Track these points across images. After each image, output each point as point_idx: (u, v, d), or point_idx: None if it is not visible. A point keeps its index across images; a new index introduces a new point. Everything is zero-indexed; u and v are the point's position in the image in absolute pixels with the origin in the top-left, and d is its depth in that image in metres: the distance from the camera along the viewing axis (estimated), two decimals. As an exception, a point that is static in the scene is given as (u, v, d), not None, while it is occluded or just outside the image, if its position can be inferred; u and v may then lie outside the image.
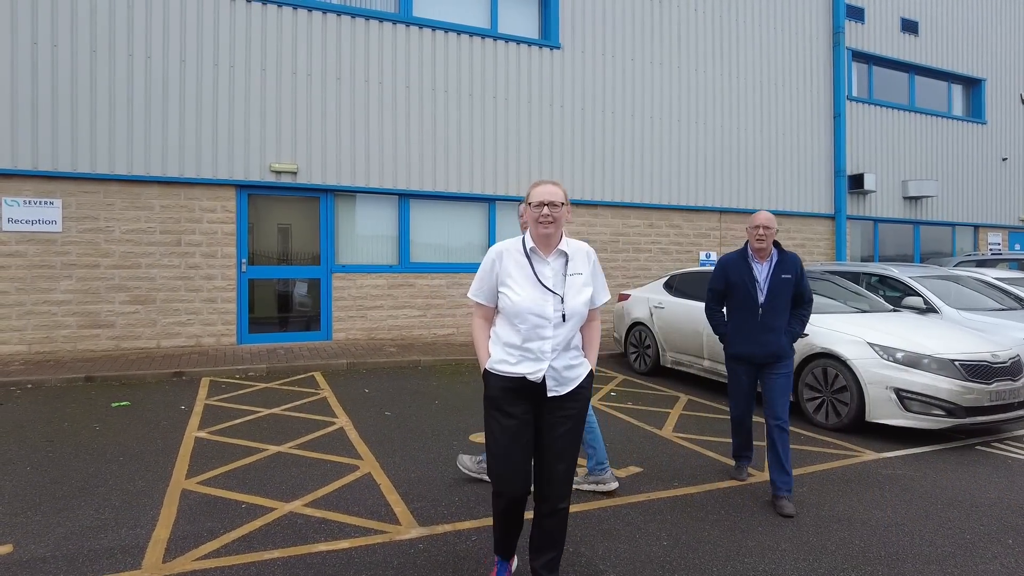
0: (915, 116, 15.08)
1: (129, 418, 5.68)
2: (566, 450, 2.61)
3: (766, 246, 4.03)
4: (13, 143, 7.97)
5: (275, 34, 9.19)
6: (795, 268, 4.05)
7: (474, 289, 2.73)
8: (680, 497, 4.03)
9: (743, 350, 4.11)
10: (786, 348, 4.05)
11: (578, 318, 2.59)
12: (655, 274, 11.47)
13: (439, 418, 5.86)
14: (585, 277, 2.64)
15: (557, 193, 2.59)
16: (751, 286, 4.05)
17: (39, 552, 3.16)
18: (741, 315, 4.12)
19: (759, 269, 4.07)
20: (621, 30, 11.55)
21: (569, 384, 2.60)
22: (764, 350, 4.02)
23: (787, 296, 4.04)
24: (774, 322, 4.02)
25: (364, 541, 3.33)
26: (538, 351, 2.54)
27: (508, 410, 2.57)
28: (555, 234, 2.60)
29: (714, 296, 4.34)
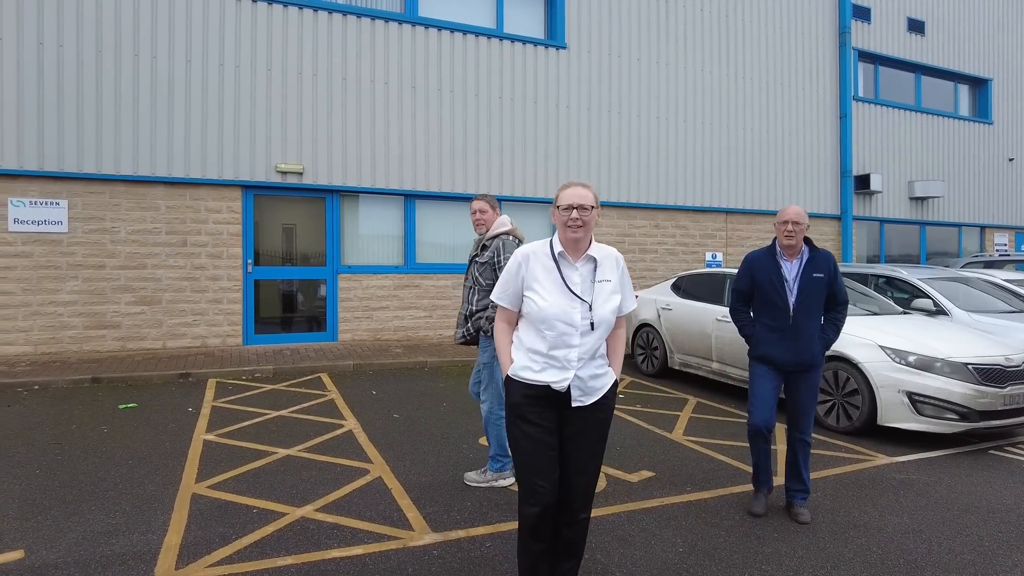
0: (921, 116, 15.02)
1: (136, 420, 5.66)
2: (589, 462, 2.55)
3: (796, 243, 3.71)
4: (19, 144, 7.95)
5: (281, 34, 9.17)
6: (828, 266, 3.73)
7: (498, 292, 2.65)
8: (694, 502, 4.00)
9: (773, 353, 3.76)
10: (819, 357, 3.75)
11: (606, 327, 2.52)
12: (661, 275, 11.43)
13: (448, 421, 5.83)
14: (614, 284, 2.55)
15: (587, 196, 2.49)
16: (780, 286, 3.72)
17: (51, 558, 3.14)
18: (770, 318, 3.78)
19: (788, 268, 3.75)
20: (627, 30, 11.51)
21: (594, 394, 2.53)
22: (796, 358, 3.71)
23: (820, 297, 3.72)
24: (807, 326, 3.70)
25: (378, 547, 3.30)
26: (564, 359, 2.46)
27: (531, 418, 2.50)
28: (584, 238, 2.51)
29: (739, 297, 3.99)
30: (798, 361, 3.72)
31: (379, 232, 9.99)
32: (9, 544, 3.28)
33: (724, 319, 6.92)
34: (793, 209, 3.73)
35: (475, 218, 4.23)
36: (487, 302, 4.05)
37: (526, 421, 2.51)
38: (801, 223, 3.69)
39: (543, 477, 2.48)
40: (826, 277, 3.72)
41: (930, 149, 15.15)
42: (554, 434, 2.52)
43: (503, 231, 4.16)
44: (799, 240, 3.73)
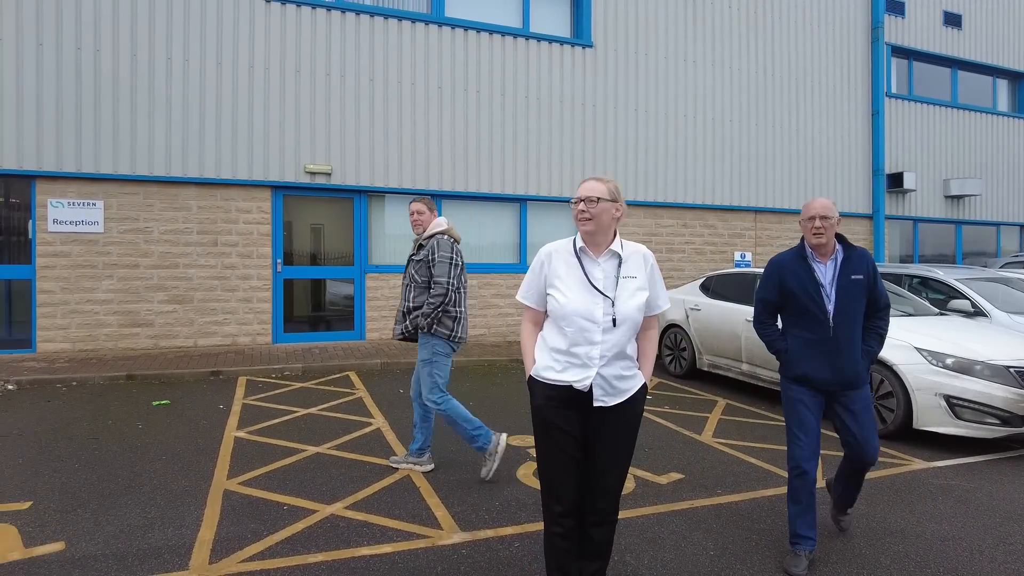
0: (958, 112, 14.64)
1: (170, 417, 5.77)
2: (613, 464, 2.50)
3: (827, 241, 3.18)
4: (58, 146, 8.16)
5: (309, 36, 9.27)
6: (866, 266, 3.22)
7: (523, 291, 2.64)
8: (725, 505, 3.94)
9: (811, 372, 3.20)
10: (864, 372, 3.23)
11: (630, 324, 2.45)
12: (689, 275, 11.31)
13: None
14: (640, 281, 2.49)
15: (596, 188, 2.47)
16: (815, 293, 3.18)
17: (90, 550, 3.21)
18: (806, 330, 3.22)
19: (822, 271, 3.21)
20: (654, 28, 11.41)
21: (619, 395, 2.47)
22: (838, 375, 3.17)
23: (861, 302, 3.21)
24: (849, 337, 3.17)
25: (407, 545, 3.31)
26: (585, 357, 2.41)
27: (554, 420, 2.47)
28: (598, 232, 2.47)
29: (766, 308, 3.41)
30: (841, 380, 3.18)
31: (406, 232, 10.04)
32: (51, 536, 3.36)
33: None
34: (819, 202, 3.20)
35: (413, 219, 4.43)
36: (423, 299, 4.21)
37: (549, 424, 2.48)
38: (830, 217, 3.17)
39: (562, 483, 2.48)
40: (866, 279, 3.21)
41: (967, 146, 14.75)
42: (577, 438, 2.48)
43: (439, 231, 4.35)
44: (830, 237, 3.20)
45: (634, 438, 2.54)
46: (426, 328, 4.19)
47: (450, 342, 4.29)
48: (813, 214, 3.19)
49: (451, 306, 4.25)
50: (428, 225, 4.40)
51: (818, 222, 3.18)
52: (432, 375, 4.28)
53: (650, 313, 2.57)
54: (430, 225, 4.40)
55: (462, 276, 4.34)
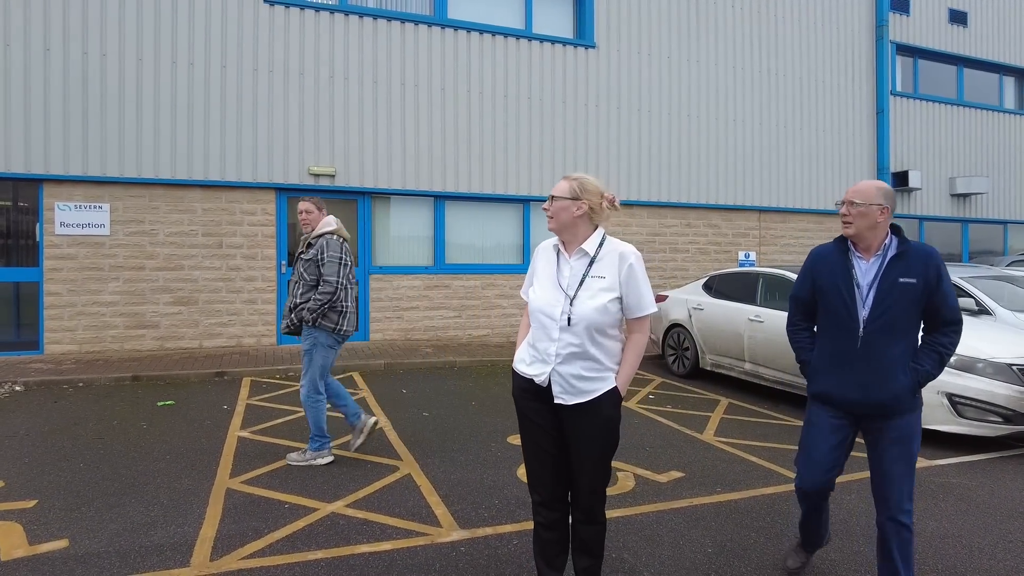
0: (963, 110, 14.57)
1: (174, 417, 5.82)
2: (584, 464, 2.46)
3: (855, 232, 2.66)
4: (65, 149, 8.24)
5: (312, 38, 9.33)
6: (925, 268, 2.59)
7: (524, 286, 2.72)
8: (724, 503, 3.94)
9: (833, 390, 2.73)
10: (905, 396, 2.61)
11: (587, 324, 2.36)
12: (693, 275, 11.30)
13: (476, 419, 5.86)
14: (609, 282, 2.40)
15: (558, 187, 2.51)
16: (847, 293, 2.67)
17: (93, 547, 3.25)
18: (832, 338, 2.75)
19: (863, 268, 2.69)
20: (657, 28, 11.41)
21: (579, 395, 2.39)
22: (866, 396, 2.64)
23: (909, 311, 2.60)
24: (886, 351, 2.60)
25: (406, 543, 3.33)
26: (544, 353, 2.43)
27: (525, 412, 2.56)
28: (561, 230, 2.49)
29: (798, 307, 2.94)
30: (869, 401, 2.64)
31: (409, 233, 10.09)
32: (55, 533, 3.41)
33: (757, 319, 6.82)
34: (857, 184, 2.71)
35: (302, 218, 4.58)
36: (310, 296, 4.41)
37: (522, 416, 2.59)
38: (860, 203, 2.61)
39: (538, 474, 2.56)
40: (921, 283, 2.58)
41: (973, 144, 14.67)
42: (548, 432, 2.51)
43: (327, 230, 4.52)
44: (863, 229, 2.64)
45: (605, 444, 2.45)
46: (311, 322, 4.41)
47: (334, 335, 4.51)
48: (845, 198, 2.69)
49: (338, 302, 4.46)
50: (316, 224, 4.57)
51: (844, 208, 2.68)
52: (310, 365, 4.51)
53: (631, 316, 2.46)
54: (319, 224, 4.56)
55: (350, 274, 4.55)
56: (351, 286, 4.56)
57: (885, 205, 2.63)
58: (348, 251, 4.55)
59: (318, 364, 4.51)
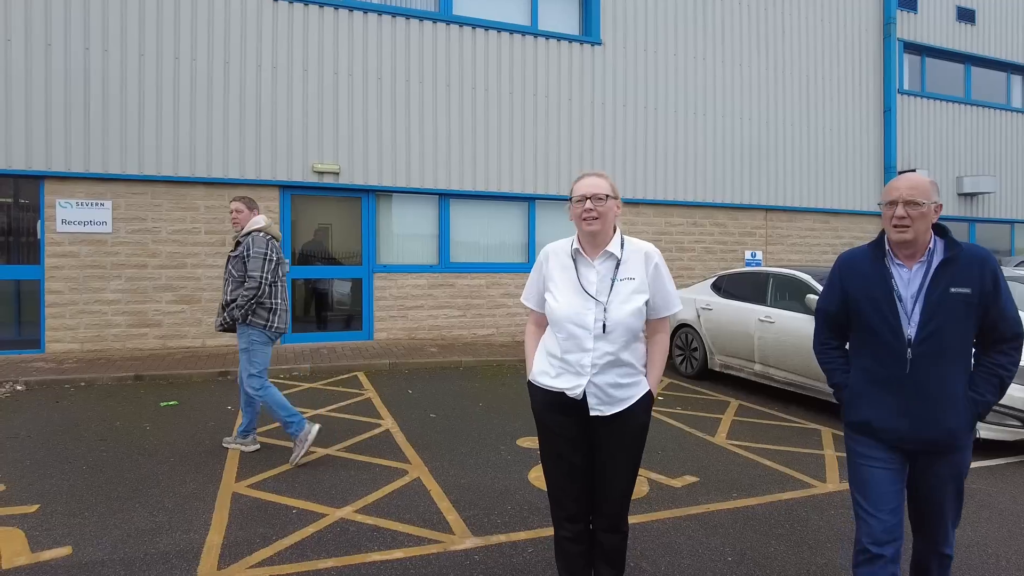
0: (971, 109, 14.46)
1: (178, 418, 5.73)
2: (616, 475, 2.38)
3: (912, 237, 2.19)
4: (67, 146, 8.15)
5: (317, 35, 9.23)
6: (980, 276, 2.17)
7: (525, 293, 2.56)
8: (741, 509, 3.86)
9: (878, 420, 2.27)
10: (963, 432, 2.22)
11: (623, 330, 2.27)
12: (699, 274, 11.21)
13: (484, 421, 5.78)
14: (638, 283, 2.31)
15: (601, 185, 2.33)
16: (889, 308, 2.23)
17: (97, 555, 3.16)
18: (874, 361, 2.29)
19: (904, 277, 2.25)
20: (663, 25, 11.31)
21: (617, 404, 2.31)
22: (919, 431, 2.21)
23: (963, 326, 2.18)
24: (941, 377, 2.19)
25: (418, 551, 3.25)
26: (577, 364, 2.28)
27: (551, 426, 2.40)
28: (602, 232, 2.32)
29: (826, 323, 2.49)
30: (923, 437, 2.21)
31: (414, 231, 9.99)
32: (58, 540, 3.32)
33: (767, 319, 6.73)
34: (907, 179, 2.21)
35: (232, 217, 4.70)
36: (239, 293, 4.47)
37: (546, 430, 2.43)
38: (922, 203, 2.16)
39: (564, 488, 2.43)
40: (976, 293, 2.17)
41: (980, 143, 14.57)
42: (577, 444, 2.39)
43: (255, 228, 4.60)
44: (921, 232, 2.20)
45: (638, 450, 2.40)
46: (241, 319, 4.49)
47: (266, 331, 4.58)
48: (895, 197, 2.18)
49: (266, 298, 4.54)
50: (245, 223, 4.66)
51: (900, 209, 2.17)
52: (250, 362, 4.60)
53: (657, 316, 2.39)
54: (248, 223, 4.65)
55: (278, 270, 4.62)
56: (280, 283, 4.65)
57: (939, 202, 2.22)
58: (276, 248, 4.61)
59: (257, 363, 4.61)
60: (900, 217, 2.18)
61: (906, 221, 2.18)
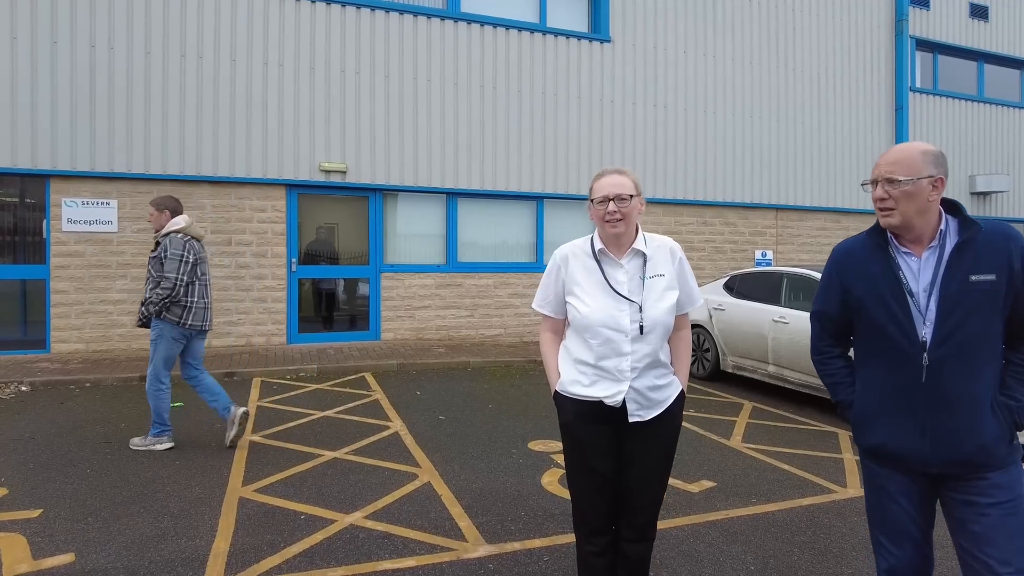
0: (984, 106, 14.27)
1: (183, 419, 5.64)
2: (651, 482, 2.29)
3: (899, 221, 1.85)
4: (72, 145, 8.08)
5: (324, 32, 9.14)
6: (1006, 256, 1.80)
7: (539, 299, 2.41)
8: (761, 515, 3.75)
9: (893, 440, 1.91)
10: (998, 445, 1.81)
11: (662, 329, 2.20)
12: (709, 274, 11.08)
13: (494, 423, 5.67)
14: (668, 279, 2.23)
15: (625, 184, 2.20)
16: (898, 305, 1.86)
17: (100, 563, 3.07)
18: (883, 368, 1.93)
19: (913, 267, 1.88)
20: (673, 22, 11.18)
21: (656, 407, 2.22)
22: (942, 451, 1.84)
23: (988, 322, 1.81)
24: (963, 385, 1.81)
25: (431, 559, 3.15)
26: (615, 370, 2.18)
27: (583, 438, 2.27)
28: (627, 232, 2.22)
29: (824, 327, 2.11)
30: (952, 458, 1.83)
31: (421, 231, 9.90)
32: (61, 547, 3.24)
33: (782, 320, 6.60)
34: (893, 152, 1.87)
35: (149, 219, 4.89)
36: (155, 292, 4.63)
37: (579, 442, 2.30)
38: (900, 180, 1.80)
39: (594, 503, 2.31)
40: (1003, 279, 1.78)
41: (994, 141, 14.38)
42: (609, 457, 2.28)
43: (174, 229, 4.72)
44: (909, 215, 1.83)
45: (672, 452, 2.32)
46: (155, 315, 4.68)
47: (179, 327, 4.72)
48: (875, 175, 1.89)
49: (183, 297, 4.70)
50: (161, 224, 4.77)
51: (880, 189, 1.85)
52: (155, 354, 4.76)
53: (681, 311, 2.30)
54: (168, 224, 4.75)
55: (197, 270, 4.76)
56: (199, 282, 4.79)
57: (937, 175, 1.82)
58: (194, 249, 4.74)
59: (161, 355, 4.74)
60: (880, 199, 1.87)
61: (887, 202, 1.85)
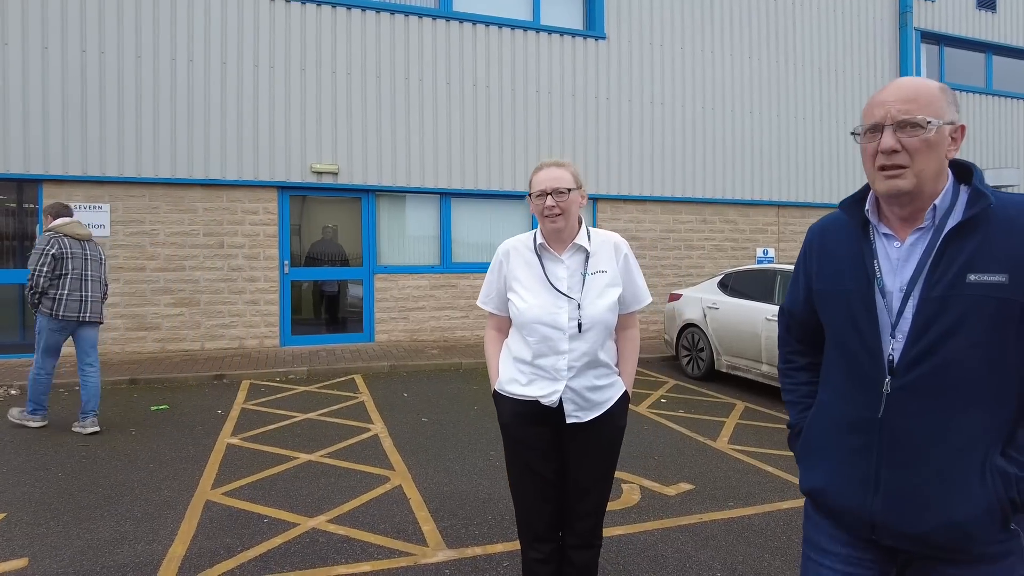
0: (992, 99, 13.98)
1: (166, 423, 5.62)
2: (592, 485, 2.21)
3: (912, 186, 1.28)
4: (64, 149, 8.11)
5: (314, 33, 9.12)
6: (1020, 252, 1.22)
7: (483, 295, 2.34)
8: (736, 519, 3.63)
9: (838, 494, 1.41)
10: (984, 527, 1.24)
11: (600, 328, 2.12)
12: (708, 272, 10.93)
13: (476, 424, 5.59)
14: (611, 276, 2.16)
15: (563, 177, 2.13)
16: (862, 310, 1.37)
17: (52, 567, 3.03)
18: (838, 391, 1.45)
19: (892, 256, 1.36)
20: (670, 18, 11.05)
21: (595, 409, 2.14)
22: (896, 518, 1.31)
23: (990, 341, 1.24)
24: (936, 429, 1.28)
25: (386, 564, 3.07)
26: (552, 369, 2.11)
27: (521, 439, 2.20)
28: (567, 227, 2.15)
29: (788, 325, 1.69)
30: (903, 528, 1.31)
31: (415, 232, 9.85)
32: (16, 551, 3.20)
33: (774, 318, 6.46)
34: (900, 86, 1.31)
35: None
36: (31, 283, 5.03)
37: (516, 443, 2.22)
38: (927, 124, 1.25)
39: (536, 507, 2.23)
40: (1020, 282, 1.22)
41: (1003, 134, 14.09)
42: (549, 457, 2.20)
43: (47, 228, 5.23)
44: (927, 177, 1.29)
45: (615, 456, 2.23)
46: (32, 308, 5.17)
47: (52, 319, 5.12)
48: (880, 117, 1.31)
49: (51, 289, 5.10)
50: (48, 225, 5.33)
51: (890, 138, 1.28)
52: (37, 345, 5.25)
53: (628, 310, 2.23)
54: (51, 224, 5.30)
55: (65, 264, 5.12)
56: (70, 275, 5.14)
57: (959, 121, 1.31)
58: (60, 244, 5.11)
59: (42, 346, 5.21)
60: (890, 151, 1.27)
61: (901, 157, 1.27)
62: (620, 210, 10.75)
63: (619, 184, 10.66)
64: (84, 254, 5.26)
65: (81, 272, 5.21)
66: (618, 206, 10.73)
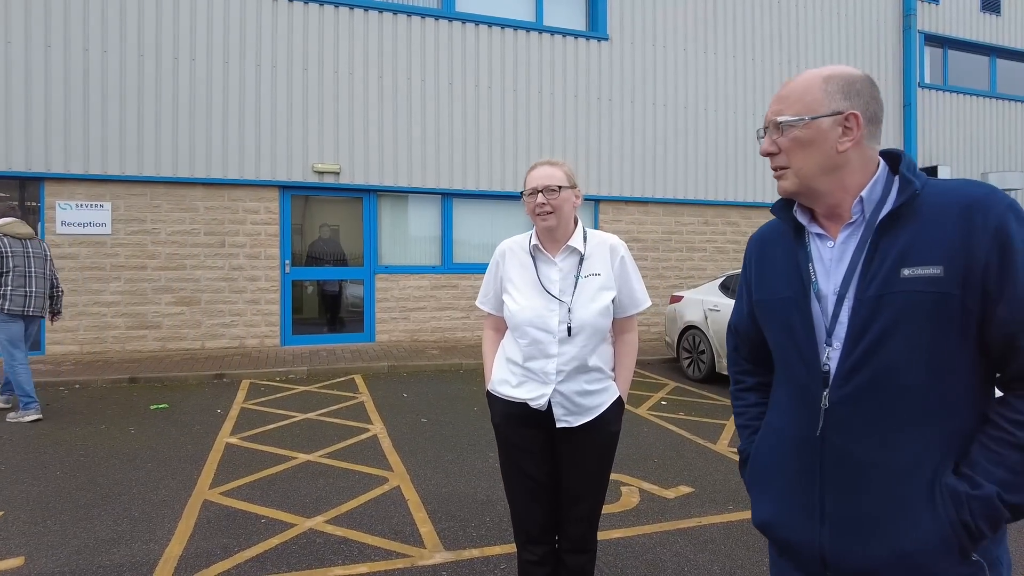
0: (996, 102, 13.94)
1: (165, 421, 5.62)
2: (584, 491, 2.18)
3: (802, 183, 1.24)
4: (66, 148, 8.12)
5: (317, 33, 9.12)
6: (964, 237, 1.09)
7: (481, 295, 2.34)
8: (735, 523, 3.61)
9: (783, 525, 1.30)
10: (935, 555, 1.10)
11: (591, 331, 2.08)
12: (710, 274, 10.91)
13: (476, 425, 5.57)
14: (604, 279, 2.12)
15: (555, 175, 2.12)
16: (798, 314, 1.26)
17: (48, 567, 3.02)
18: (779, 415, 1.35)
19: (825, 257, 1.26)
20: (672, 19, 11.04)
21: (585, 414, 2.11)
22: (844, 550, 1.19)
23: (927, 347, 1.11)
24: (874, 447, 1.16)
25: (383, 566, 3.06)
26: (541, 372, 2.08)
27: (514, 440, 2.18)
28: (559, 227, 2.13)
29: (736, 343, 1.55)
30: (851, 563, 1.19)
31: (416, 232, 9.84)
32: (12, 550, 3.19)
33: (775, 320, 6.44)
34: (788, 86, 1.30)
35: None
36: None
37: (507, 444, 2.21)
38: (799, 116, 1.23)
39: (528, 509, 2.21)
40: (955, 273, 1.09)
41: (1007, 137, 14.04)
42: (541, 460, 2.18)
43: None
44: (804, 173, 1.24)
45: (608, 462, 2.20)
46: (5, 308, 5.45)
47: (3, 313, 5.45)
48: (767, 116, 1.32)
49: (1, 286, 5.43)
50: None
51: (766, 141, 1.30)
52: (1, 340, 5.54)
53: (625, 314, 2.19)
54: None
55: (4, 262, 5.42)
56: (14, 272, 5.45)
57: (849, 109, 1.20)
58: (6, 243, 5.44)
59: (3, 338, 5.50)
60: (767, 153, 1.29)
61: (779, 159, 1.27)
62: (622, 212, 10.73)
63: (621, 185, 10.64)
64: (25, 252, 5.58)
65: (24, 269, 5.54)
66: (620, 208, 10.72)
